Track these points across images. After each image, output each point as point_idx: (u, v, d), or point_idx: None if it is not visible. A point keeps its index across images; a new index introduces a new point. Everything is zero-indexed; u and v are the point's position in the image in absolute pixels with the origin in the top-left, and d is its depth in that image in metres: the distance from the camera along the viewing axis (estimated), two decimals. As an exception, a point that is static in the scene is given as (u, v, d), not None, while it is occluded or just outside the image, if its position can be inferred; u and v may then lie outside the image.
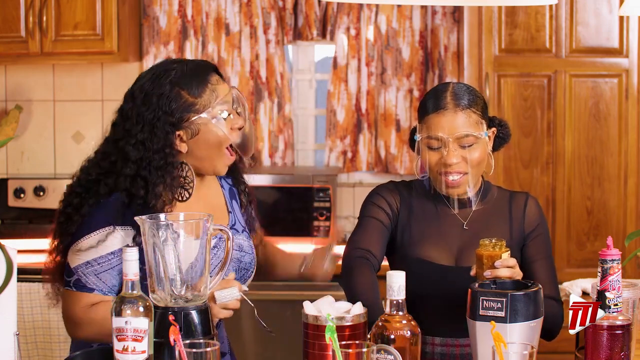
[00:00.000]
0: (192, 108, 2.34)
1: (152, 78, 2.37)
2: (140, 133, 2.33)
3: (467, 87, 2.49)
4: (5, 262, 1.87)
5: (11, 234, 4.38)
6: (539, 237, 2.52)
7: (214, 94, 2.36)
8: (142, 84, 2.38)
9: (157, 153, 2.32)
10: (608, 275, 2.08)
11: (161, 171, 2.32)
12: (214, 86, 2.36)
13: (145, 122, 2.33)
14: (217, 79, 2.39)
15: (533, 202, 2.56)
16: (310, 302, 2.18)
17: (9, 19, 4.23)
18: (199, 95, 2.34)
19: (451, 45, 4.43)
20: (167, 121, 2.32)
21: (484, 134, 2.45)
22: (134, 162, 2.32)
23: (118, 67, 4.57)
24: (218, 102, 2.35)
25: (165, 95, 2.33)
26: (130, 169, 2.32)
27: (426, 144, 2.45)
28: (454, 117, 2.42)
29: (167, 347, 1.98)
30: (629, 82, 4.06)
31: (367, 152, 4.53)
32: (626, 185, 4.09)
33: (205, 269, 2.08)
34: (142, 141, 2.33)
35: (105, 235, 2.31)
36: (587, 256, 4.07)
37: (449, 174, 2.44)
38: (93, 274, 2.30)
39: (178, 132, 2.35)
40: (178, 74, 2.35)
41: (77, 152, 4.57)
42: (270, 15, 4.49)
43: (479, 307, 2.08)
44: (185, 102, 2.34)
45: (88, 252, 2.31)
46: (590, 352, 2.10)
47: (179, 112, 2.33)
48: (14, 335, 1.96)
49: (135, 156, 2.32)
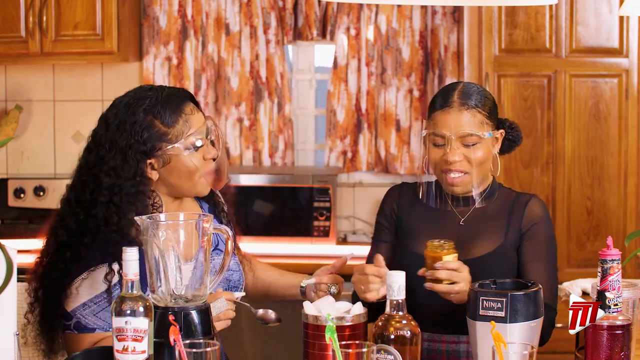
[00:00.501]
0: (165, 138, 2.34)
1: (127, 105, 2.37)
2: (113, 160, 2.34)
3: (477, 88, 2.51)
4: (5, 262, 1.87)
5: (11, 234, 4.37)
6: (534, 238, 2.49)
7: (187, 124, 2.35)
8: (117, 111, 2.38)
9: (129, 180, 2.32)
10: (608, 275, 2.08)
11: (132, 198, 2.31)
12: (187, 116, 2.36)
13: (117, 150, 2.34)
14: (191, 108, 2.38)
15: (536, 203, 2.54)
16: (310, 302, 2.18)
17: (9, 19, 4.23)
18: (171, 125, 2.34)
19: (451, 45, 4.43)
20: (139, 150, 2.32)
21: (488, 134, 2.46)
22: (106, 189, 2.32)
23: (118, 67, 4.57)
24: (191, 132, 2.35)
25: (139, 123, 2.33)
26: (103, 196, 2.32)
27: (431, 141, 2.48)
28: (459, 116, 2.44)
29: (167, 347, 1.98)
30: (629, 82, 4.05)
31: (367, 152, 4.53)
32: (626, 185, 4.09)
33: (205, 269, 2.08)
34: (113, 168, 2.33)
35: (95, 275, 2.29)
36: (587, 256, 4.07)
37: (451, 171, 2.46)
38: (91, 314, 2.29)
39: (149, 161, 2.35)
40: (152, 102, 2.35)
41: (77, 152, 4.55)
42: (270, 15, 4.49)
43: (479, 307, 2.08)
44: (158, 131, 2.34)
45: (81, 293, 2.29)
46: (590, 352, 2.10)
47: (151, 141, 2.33)
48: (14, 335, 1.96)
49: (108, 183, 2.32)
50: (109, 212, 2.30)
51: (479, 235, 2.49)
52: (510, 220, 2.51)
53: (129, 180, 2.32)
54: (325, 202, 4.27)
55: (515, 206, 2.53)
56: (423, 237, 2.52)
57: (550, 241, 2.52)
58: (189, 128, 2.35)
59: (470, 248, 2.47)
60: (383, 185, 4.61)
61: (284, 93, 4.53)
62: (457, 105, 2.45)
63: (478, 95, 2.48)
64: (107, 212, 2.30)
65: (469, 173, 2.46)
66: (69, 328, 2.30)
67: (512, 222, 2.51)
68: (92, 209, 2.32)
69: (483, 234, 2.49)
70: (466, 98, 2.46)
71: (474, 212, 2.53)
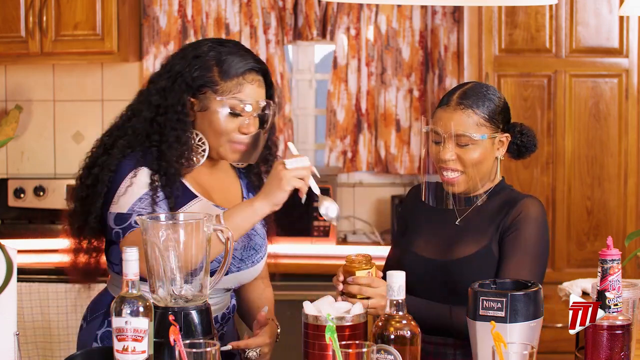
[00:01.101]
0: (212, 85, 2.38)
1: (203, 41, 2.45)
2: (164, 80, 2.41)
3: (482, 89, 2.48)
4: (5, 262, 1.87)
5: (11, 234, 4.38)
6: (514, 233, 2.43)
7: (239, 87, 2.38)
8: (194, 43, 2.46)
9: (172, 106, 2.38)
10: (608, 275, 2.08)
11: (174, 123, 2.38)
12: (244, 81, 2.39)
13: (171, 73, 2.41)
14: (255, 79, 2.41)
15: (528, 202, 2.48)
16: (310, 302, 2.18)
17: (9, 19, 4.23)
18: (224, 79, 2.38)
19: (451, 45, 4.43)
20: (186, 80, 2.38)
21: (482, 136, 2.44)
22: (154, 106, 2.40)
23: (118, 67, 4.57)
24: (236, 96, 2.37)
25: (200, 59, 2.39)
26: (150, 112, 2.40)
27: (431, 138, 2.49)
28: (452, 115, 2.44)
29: (167, 347, 1.98)
30: (629, 82, 4.06)
31: (367, 152, 4.53)
32: (626, 185, 4.09)
33: (205, 269, 2.08)
34: (163, 88, 2.40)
35: (134, 173, 2.36)
36: (587, 256, 4.07)
37: (444, 169, 2.46)
38: (148, 205, 2.33)
39: (191, 99, 2.39)
40: (223, 51, 2.39)
41: (77, 152, 4.57)
42: (270, 15, 4.49)
43: (479, 307, 2.08)
44: (211, 76, 2.38)
45: (129, 192, 2.34)
46: (590, 352, 2.10)
47: (200, 80, 2.38)
48: (14, 335, 1.97)
49: (155, 101, 2.40)
50: (152, 130, 2.38)
51: (470, 236, 2.48)
52: (498, 219, 2.48)
53: (173, 106, 2.37)
54: (325, 202, 4.26)
55: (507, 205, 2.49)
56: (421, 236, 2.54)
57: (536, 240, 2.43)
58: (238, 92, 2.38)
59: (457, 248, 2.47)
60: (383, 185, 4.61)
61: (284, 93, 4.53)
62: (454, 104, 2.45)
63: (479, 97, 2.46)
64: (151, 128, 2.38)
65: (464, 173, 2.46)
66: (131, 226, 2.31)
67: (499, 221, 2.48)
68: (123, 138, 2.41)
69: (473, 235, 2.48)
70: (464, 98, 2.45)
71: (472, 212, 2.53)
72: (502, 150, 2.51)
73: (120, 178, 2.36)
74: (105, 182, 2.38)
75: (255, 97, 2.40)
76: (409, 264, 2.47)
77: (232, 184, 2.56)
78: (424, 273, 2.46)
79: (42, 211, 4.49)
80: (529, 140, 2.55)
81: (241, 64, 2.39)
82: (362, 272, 2.31)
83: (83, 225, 2.43)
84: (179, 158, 2.37)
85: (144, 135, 2.40)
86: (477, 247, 2.46)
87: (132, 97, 2.51)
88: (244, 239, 2.47)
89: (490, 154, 2.48)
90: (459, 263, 2.44)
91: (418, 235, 2.55)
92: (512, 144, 2.54)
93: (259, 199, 2.27)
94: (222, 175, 2.54)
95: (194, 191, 2.42)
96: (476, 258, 2.44)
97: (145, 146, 2.40)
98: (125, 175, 2.36)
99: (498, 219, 2.48)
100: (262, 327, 2.44)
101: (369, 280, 2.31)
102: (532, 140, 2.56)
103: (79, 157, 2.56)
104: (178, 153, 2.37)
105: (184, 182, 2.42)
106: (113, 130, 2.47)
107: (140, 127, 2.41)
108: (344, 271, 2.32)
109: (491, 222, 2.49)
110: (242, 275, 2.48)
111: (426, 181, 2.56)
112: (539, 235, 2.45)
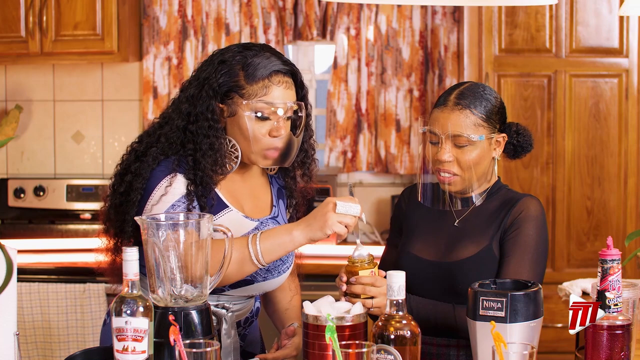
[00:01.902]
0: (239, 90, 2.35)
1: (230, 47, 2.42)
2: (192, 88, 2.39)
3: (480, 89, 2.48)
4: (5, 262, 1.87)
5: (11, 234, 4.38)
6: (514, 232, 2.44)
7: (265, 90, 2.35)
8: (220, 50, 2.44)
9: (202, 114, 2.36)
10: (608, 275, 2.08)
11: (205, 130, 2.35)
12: (270, 84, 2.36)
13: (198, 80, 2.39)
14: (282, 81, 2.37)
15: (527, 201, 2.48)
16: (310, 302, 2.18)
17: (9, 19, 4.23)
18: (250, 83, 2.35)
19: (451, 45, 4.43)
20: (213, 86, 2.36)
21: (479, 137, 2.44)
22: (185, 114, 2.38)
23: (118, 67, 4.57)
24: (263, 99, 2.34)
25: (226, 64, 2.37)
26: (181, 120, 2.37)
27: (428, 138, 2.48)
28: (449, 115, 2.43)
29: (167, 347, 1.98)
30: (629, 82, 4.05)
31: (367, 152, 4.53)
32: (626, 185, 4.09)
33: (206, 269, 2.08)
34: (192, 96, 2.38)
35: (169, 181, 2.33)
36: (587, 256, 4.07)
37: (441, 170, 2.46)
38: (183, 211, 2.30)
39: (220, 105, 2.37)
40: (249, 55, 2.37)
41: (77, 152, 4.57)
42: (270, 15, 4.49)
43: (479, 307, 2.08)
44: (238, 81, 2.36)
45: (163, 200, 2.32)
46: (590, 352, 2.10)
47: (226, 85, 2.36)
48: (14, 335, 1.97)
49: (186, 109, 2.38)
50: (186, 138, 2.35)
51: (469, 237, 2.48)
52: (498, 220, 2.48)
53: (203, 114, 2.35)
54: (325, 202, 4.27)
55: (506, 205, 2.49)
56: (418, 237, 2.54)
57: (536, 239, 2.44)
58: (265, 95, 2.35)
59: (457, 250, 2.47)
60: (383, 185, 4.61)
61: (284, 93, 4.53)
62: (451, 104, 2.44)
63: (476, 96, 2.45)
64: (184, 137, 2.36)
65: (460, 175, 2.46)
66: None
67: (499, 221, 2.48)
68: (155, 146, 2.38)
69: (473, 236, 2.48)
70: (461, 98, 2.44)
71: (470, 213, 2.52)
72: (499, 150, 2.51)
73: (154, 185, 2.34)
74: (139, 189, 2.35)
75: (283, 99, 2.36)
76: (407, 265, 2.46)
77: (263, 192, 2.54)
78: (423, 275, 2.46)
79: (42, 211, 4.49)
80: (525, 140, 2.55)
81: (267, 66, 2.35)
82: (365, 272, 2.31)
83: (119, 232, 2.41)
84: (213, 165, 2.34)
85: (179, 144, 2.37)
86: (477, 248, 2.45)
87: (133, 97, 2.51)
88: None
89: (487, 154, 2.48)
90: (459, 264, 2.44)
91: (415, 236, 2.55)
92: (509, 144, 2.54)
93: (299, 228, 2.25)
94: (254, 181, 2.51)
95: (225, 201, 2.41)
96: (477, 259, 2.44)
97: (179, 154, 2.37)
98: (159, 183, 2.33)
99: (498, 219, 2.48)
100: (290, 338, 2.46)
101: (372, 280, 2.30)
102: (528, 140, 2.55)
103: (79, 157, 2.56)
104: (212, 160, 2.34)
105: (217, 192, 2.40)
106: (144, 137, 2.44)
107: (174, 136, 2.37)
108: (347, 272, 2.31)
109: (491, 222, 2.49)
110: (268, 284, 2.47)
111: (422, 182, 2.56)
112: (539, 234, 2.45)
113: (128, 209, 2.35)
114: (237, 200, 2.43)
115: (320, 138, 4.68)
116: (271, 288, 2.51)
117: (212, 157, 2.34)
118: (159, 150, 2.37)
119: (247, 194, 2.47)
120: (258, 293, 2.49)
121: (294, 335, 2.46)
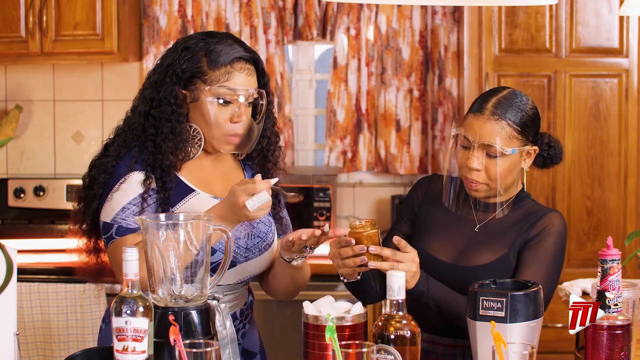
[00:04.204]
0: (202, 76, 2.39)
1: (194, 35, 2.46)
2: (158, 74, 2.43)
3: (515, 98, 2.42)
4: (5, 262, 1.87)
5: (11, 234, 4.38)
6: (535, 244, 2.42)
7: (227, 75, 2.39)
8: (187, 37, 2.48)
9: (165, 99, 2.39)
10: (608, 275, 2.08)
11: (168, 115, 2.39)
12: (232, 70, 2.39)
13: (163, 66, 2.43)
14: (244, 67, 2.41)
15: (553, 216, 2.46)
16: (310, 302, 2.18)
17: (9, 19, 4.23)
18: (213, 69, 2.38)
19: (451, 45, 4.43)
20: (176, 72, 2.39)
21: (512, 150, 2.39)
22: (148, 100, 2.42)
23: (118, 67, 4.57)
24: (225, 84, 2.38)
25: (189, 50, 2.40)
26: (144, 105, 2.42)
27: (460, 142, 2.44)
28: (484, 124, 2.39)
29: (167, 347, 1.98)
30: (629, 82, 4.05)
31: (367, 152, 4.53)
32: (626, 185, 4.09)
33: (205, 269, 2.08)
34: (155, 81, 2.42)
35: (125, 179, 2.37)
36: (587, 256, 4.07)
37: (469, 177, 2.42)
38: (131, 215, 2.34)
39: (183, 91, 2.40)
40: (212, 42, 2.41)
41: (77, 152, 4.57)
42: (270, 15, 4.49)
43: (479, 307, 2.08)
44: (200, 67, 2.39)
45: (119, 199, 2.36)
46: (590, 352, 2.10)
47: (189, 71, 2.40)
48: (14, 335, 1.97)
49: (149, 95, 2.42)
50: (148, 123, 2.40)
51: (487, 244, 2.45)
52: (521, 231, 2.45)
53: (166, 98, 2.39)
54: (325, 202, 4.27)
55: (531, 217, 2.46)
56: (435, 236, 2.51)
57: (555, 253, 2.42)
58: (227, 80, 2.38)
59: (474, 256, 2.45)
60: (383, 186, 4.61)
61: (284, 93, 4.53)
62: (489, 113, 2.39)
63: (513, 107, 2.40)
64: (146, 122, 2.40)
65: (487, 184, 2.42)
66: (112, 238, 2.34)
67: (522, 232, 2.45)
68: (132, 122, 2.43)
69: (491, 243, 2.45)
70: (499, 107, 2.39)
71: (492, 220, 2.50)
72: (529, 161, 2.48)
73: (114, 182, 2.39)
74: (100, 183, 2.40)
75: (245, 85, 2.40)
76: (422, 263, 2.44)
77: (235, 174, 2.56)
78: (434, 275, 2.42)
79: (42, 211, 4.49)
80: (556, 153, 2.51)
81: (229, 53, 2.39)
82: (373, 231, 2.30)
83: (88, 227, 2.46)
84: (173, 150, 2.38)
85: (140, 130, 2.42)
86: (494, 256, 2.43)
87: (133, 97, 2.53)
88: (247, 227, 2.46)
89: (517, 166, 2.45)
90: (474, 270, 2.42)
91: (431, 235, 2.52)
92: (539, 155, 2.49)
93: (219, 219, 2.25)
94: (224, 167, 2.54)
95: (190, 185, 2.43)
96: (493, 267, 2.41)
97: (141, 140, 2.41)
98: (118, 180, 2.38)
99: (521, 230, 2.45)
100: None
101: (403, 244, 2.31)
102: (559, 153, 2.52)
103: (79, 157, 2.57)
104: (173, 144, 2.38)
105: (180, 177, 2.42)
106: (114, 130, 2.50)
107: (136, 122, 2.43)
108: (353, 235, 2.29)
109: (511, 232, 2.46)
110: (251, 265, 2.47)
111: (448, 184, 2.50)
112: (559, 249, 2.44)
113: (91, 202, 2.41)
114: (204, 184, 2.46)
115: (320, 138, 4.68)
116: (256, 270, 2.50)
117: (173, 141, 2.38)
118: (122, 141, 2.43)
119: (217, 177, 2.50)
120: (245, 277, 2.48)
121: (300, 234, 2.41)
